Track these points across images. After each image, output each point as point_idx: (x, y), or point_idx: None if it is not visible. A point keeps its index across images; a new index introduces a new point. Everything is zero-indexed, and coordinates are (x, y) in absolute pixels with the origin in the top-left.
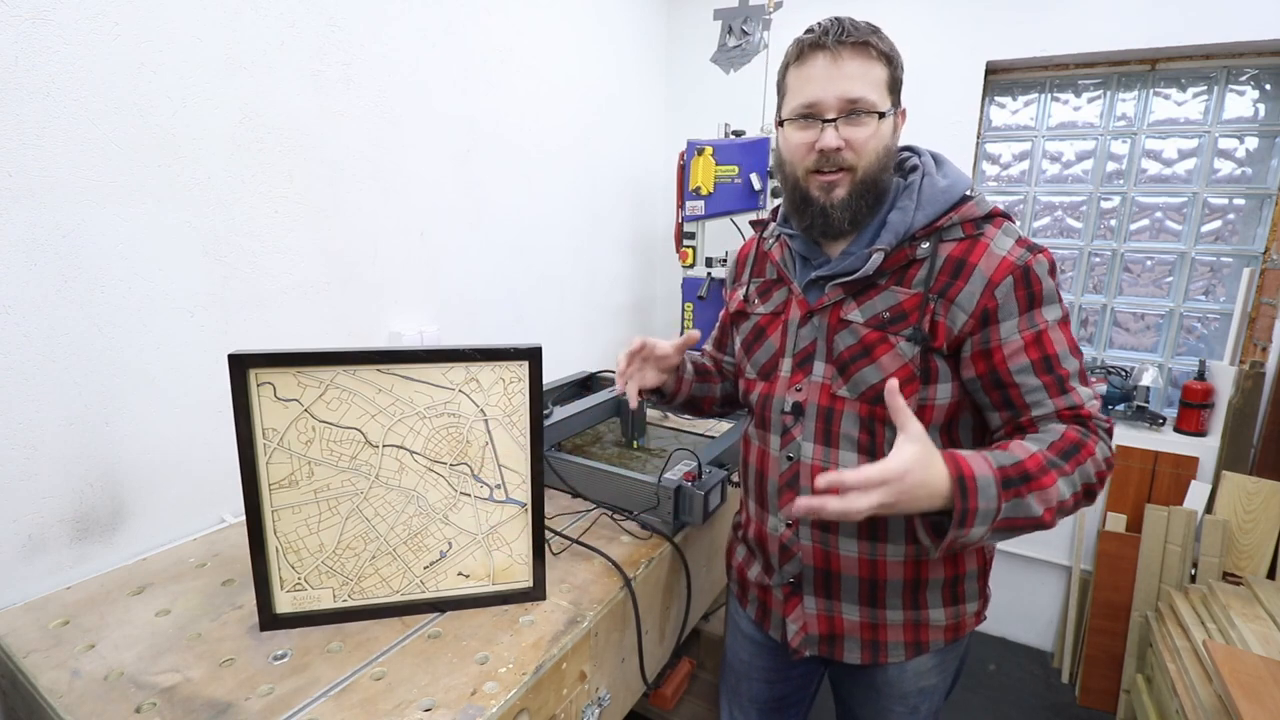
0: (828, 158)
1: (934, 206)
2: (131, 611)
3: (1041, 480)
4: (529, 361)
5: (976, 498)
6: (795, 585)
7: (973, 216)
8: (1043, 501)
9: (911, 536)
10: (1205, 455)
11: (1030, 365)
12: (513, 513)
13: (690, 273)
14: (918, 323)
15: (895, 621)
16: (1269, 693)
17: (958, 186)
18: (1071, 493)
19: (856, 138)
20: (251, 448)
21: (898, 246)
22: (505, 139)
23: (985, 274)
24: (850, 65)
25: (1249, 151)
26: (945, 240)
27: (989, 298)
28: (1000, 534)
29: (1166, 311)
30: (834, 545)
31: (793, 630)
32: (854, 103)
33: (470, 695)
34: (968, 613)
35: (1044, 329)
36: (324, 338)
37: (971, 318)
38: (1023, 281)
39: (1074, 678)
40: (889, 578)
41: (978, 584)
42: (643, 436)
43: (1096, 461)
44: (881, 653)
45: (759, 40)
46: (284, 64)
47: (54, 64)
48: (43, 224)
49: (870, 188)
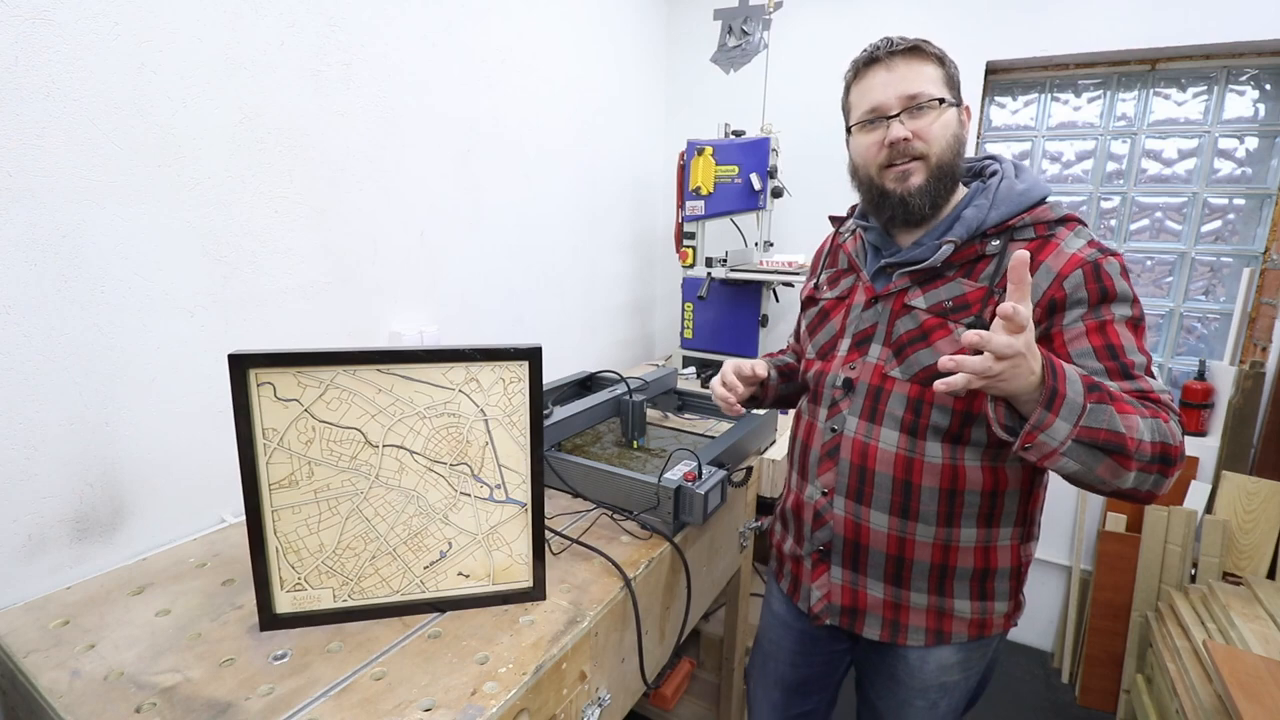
0: (899, 150)
1: (1008, 206)
2: (131, 611)
3: (1124, 407)
4: (529, 361)
5: (1065, 382)
6: (824, 553)
7: (1045, 219)
8: (1127, 425)
9: (943, 519)
10: (1205, 455)
11: (1092, 350)
12: (513, 513)
13: (690, 273)
14: (979, 313)
15: (919, 605)
16: (1269, 693)
17: (1034, 191)
18: (1150, 440)
19: (923, 126)
20: (251, 448)
21: (969, 241)
22: (505, 139)
23: (1053, 269)
24: (904, 69)
25: (1249, 151)
26: (1017, 239)
27: (1057, 289)
28: (1083, 449)
29: (1166, 311)
30: (865, 518)
31: (816, 596)
32: (914, 97)
33: (470, 695)
34: (995, 611)
35: (1109, 320)
36: (324, 338)
37: (1038, 307)
38: (1093, 276)
39: (1074, 678)
40: (916, 558)
41: (1009, 584)
42: (643, 436)
43: (1174, 432)
44: (901, 633)
45: (759, 40)
46: (284, 64)
47: (54, 64)
48: (43, 224)
49: (946, 173)
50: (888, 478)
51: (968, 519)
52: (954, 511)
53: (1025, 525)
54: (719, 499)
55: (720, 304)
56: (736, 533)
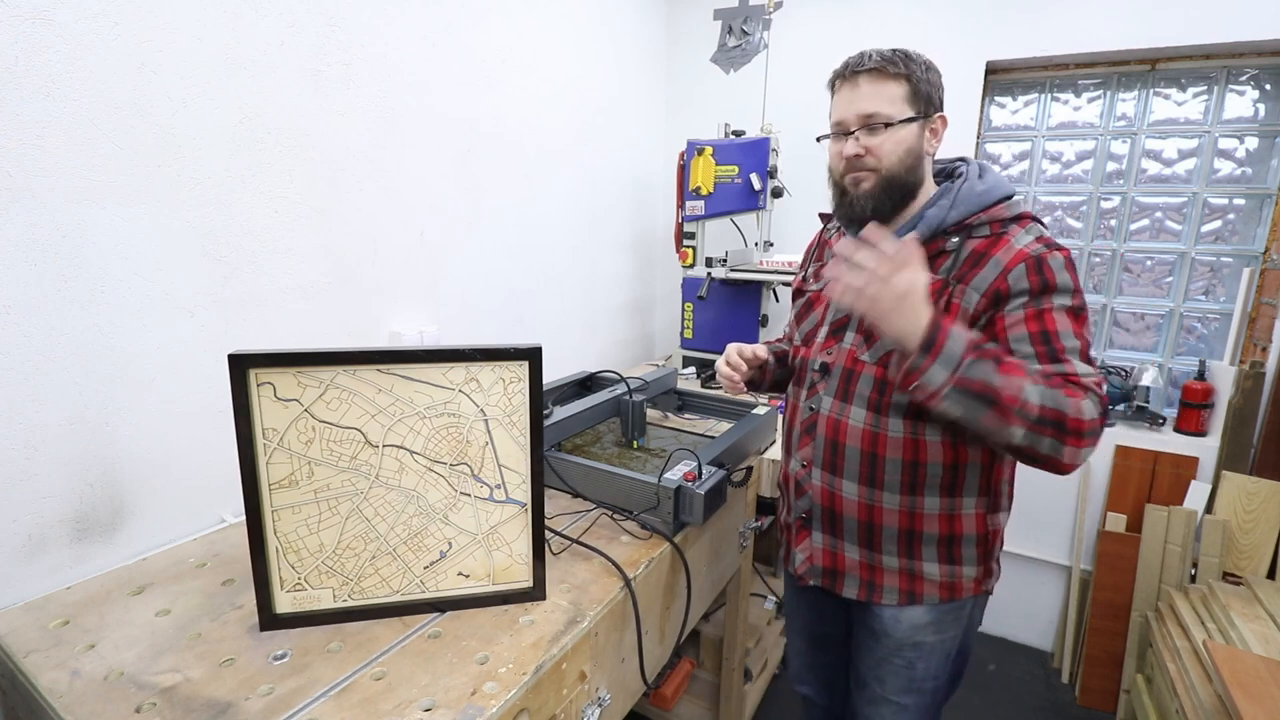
0: (850, 164)
1: (966, 206)
2: (131, 611)
3: (1011, 369)
4: (529, 361)
5: (946, 336)
6: (806, 520)
7: (1000, 217)
8: (1005, 383)
9: (906, 488)
10: (1205, 455)
11: (1027, 336)
12: (513, 513)
13: (690, 273)
14: (935, 303)
15: (891, 567)
16: (1269, 693)
17: (994, 192)
18: (1039, 404)
19: (875, 144)
20: (251, 448)
21: (931, 238)
22: (505, 139)
23: (1001, 262)
24: (866, 88)
25: (1249, 151)
26: (973, 237)
27: (1002, 281)
28: (962, 397)
29: (1166, 311)
30: (839, 487)
31: (800, 559)
32: (870, 116)
33: (470, 695)
34: (964, 575)
35: (1048, 309)
36: (324, 338)
37: (984, 297)
38: (1035, 269)
39: (1074, 678)
40: (885, 524)
41: (976, 551)
42: (643, 436)
43: (1078, 406)
44: (877, 593)
45: (759, 40)
46: (284, 64)
47: (54, 64)
48: (43, 224)
49: (895, 182)
50: (856, 450)
51: (930, 489)
52: (917, 481)
53: (991, 496)
54: (719, 499)
55: (720, 304)
56: (736, 533)
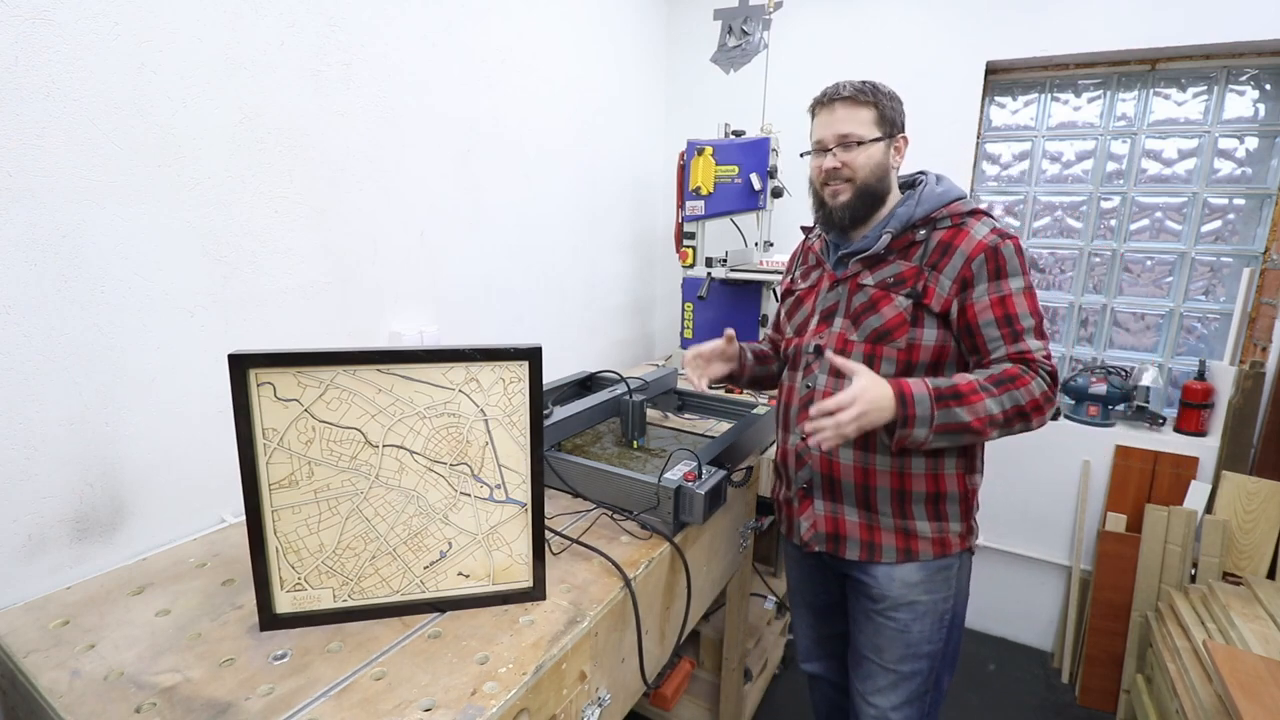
0: (831, 175)
1: (929, 204)
2: (131, 611)
3: (970, 398)
4: (529, 361)
5: (914, 406)
6: (807, 490)
7: (959, 211)
8: (971, 413)
9: (896, 450)
10: (1205, 455)
11: (994, 320)
12: (513, 513)
13: (690, 273)
14: (913, 285)
15: (887, 527)
16: (1269, 693)
17: (951, 193)
18: (1001, 410)
19: (850, 159)
20: (251, 448)
21: (902, 232)
22: (505, 139)
23: (965, 252)
24: (841, 112)
25: (1249, 151)
26: (937, 229)
27: (967, 269)
28: (943, 436)
29: (1166, 311)
30: (836, 454)
31: (804, 527)
32: (845, 136)
33: (470, 695)
34: (951, 531)
35: (1008, 294)
36: (324, 338)
37: (954, 283)
38: (992, 257)
39: (1074, 678)
40: (878, 485)
41: (959, 508)
42: (643, 436)
43: (1030, 390)
44: (877, 553)
45: (759, 40)
46: (284, 64)
47: (54, 64)
48: (43, 224)
49: (867, 193)
50: None
51: (916, 451)
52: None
53: (967, 459)
54: (719, 499)
55: (720, 304)
56: (736, 533)
